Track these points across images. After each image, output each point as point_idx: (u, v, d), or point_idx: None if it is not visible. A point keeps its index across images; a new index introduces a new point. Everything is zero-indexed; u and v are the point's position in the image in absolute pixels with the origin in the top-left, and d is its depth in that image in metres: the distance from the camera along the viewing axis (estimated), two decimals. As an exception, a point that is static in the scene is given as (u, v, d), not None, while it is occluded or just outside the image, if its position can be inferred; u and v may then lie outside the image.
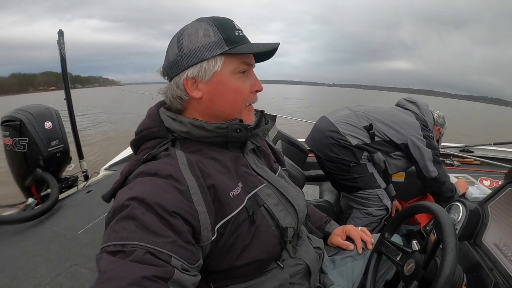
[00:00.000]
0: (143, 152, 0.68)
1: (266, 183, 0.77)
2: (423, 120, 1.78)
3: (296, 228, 0.79)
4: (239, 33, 0.70)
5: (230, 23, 0.71)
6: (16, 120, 1.47)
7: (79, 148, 2.06)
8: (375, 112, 1.78)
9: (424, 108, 1.82)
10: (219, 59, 0.68)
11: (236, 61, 0.69)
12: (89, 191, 1.66)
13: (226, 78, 0.69)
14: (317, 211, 1.11)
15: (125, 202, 0.54)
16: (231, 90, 0.70)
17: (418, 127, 1.73)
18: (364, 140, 1.71)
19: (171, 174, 0.60)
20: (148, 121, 0.73)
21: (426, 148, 1.70)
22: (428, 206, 0.83)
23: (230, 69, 0.69)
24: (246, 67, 0.71)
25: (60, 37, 1.81)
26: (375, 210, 1.77)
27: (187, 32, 0.69)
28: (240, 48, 0.68)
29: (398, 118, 1.76)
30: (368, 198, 1.77)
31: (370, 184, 1.75)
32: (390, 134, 1.72)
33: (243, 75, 0.72)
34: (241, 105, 0.72)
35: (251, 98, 0.74)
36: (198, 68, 0.68)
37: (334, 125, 1.75)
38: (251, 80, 0.74)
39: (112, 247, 0.50)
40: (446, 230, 0.69)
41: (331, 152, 1.74)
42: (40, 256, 1.08)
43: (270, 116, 0.84)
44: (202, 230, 0.58)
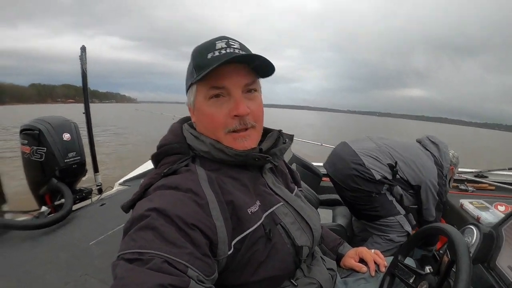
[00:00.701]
0: (163, 166, 0.70)
1: (283, 202, 0.78)
2: (441, 165, 1.80)
3: (311, 247, 0.79)
4: (214, 53, 0.67)
5: (209, 46, 0.69)
6: (35, 130, 1.51)
7: (95, 161, 2.10)
8: (398, 150, 1.81)
9: (444, 152, 1.84)
10: (193, 88, 0.70)
11: (204, 87, 0.68)
12: (103, 204, 1.67)
13: (200, 105, 0.70)
14: (330, 233, 1.11)
15: (145, 212, 0.55)
16: (205, 117, 0.70)
17: (435, 174, 1.77)
18: (386, 176, 1.74)
19: (191, 189, 0.61)
20: (170, 137, 0.76)
21: (434, 195, 1.76)
22: (441, 227, 0.82)
23: (202, 96, 0.69)
24: (217, 91, 0.68)
25: (83, 52, 1.88)
26: (396, 236, 1.77)
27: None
28: (200, 74, 0.66)
29: (418, 161, 1.79)
30: (389, 225, 1.77)
31: (390, 212, 1.76)
32: (408, 174, 1.76)
33: (219, 99, 0.68)
34: (217, 131, 0.70)
35: (230, 123, 0.69)
36: (188, 96, 0.73)
37: (359, 157, 1.76)
38: (230, 104, 0.68)
39: (130, 255, 0.50)
40: (459, 250, 0.68)
41: (354, 183, 1.75)
42: (50, 263, 1.09)
43: (287, 136, 0.84)
44: (219, 244, 0.59)
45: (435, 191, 1.76)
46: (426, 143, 1.91)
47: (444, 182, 1.80)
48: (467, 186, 2.43)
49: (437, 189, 1.77)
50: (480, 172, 2.59)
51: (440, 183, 1.78)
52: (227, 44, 0.68)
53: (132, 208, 0.65)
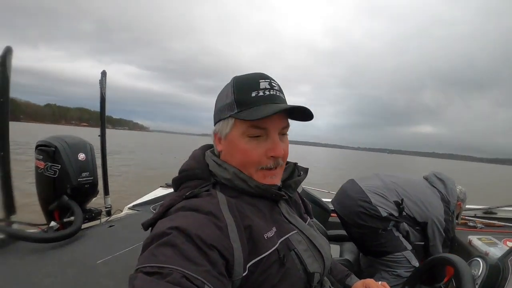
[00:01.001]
0: (184, 189, 0.73)
1: (297, 230, 0.80)
2: (447, 201, 1.81)
3: (322, 274, 0.81)
4: (258, 93, 0.71)
5: (253, 83, 0.72)
6: (51, 146, 1.55)
7: (106, 183, 2.13)
8: (405, 187, 1.83)
9: (450, 188, 1.86)
10: (230, 120, 0.72)
11: (245, 124, 0.71)
12: (112, 225, 1.68)
13: (235, 139, 0.73)
14: (338, 264, 1.12)
15: (167, 230, 0.57)
16: (238, 152, 0.73)
17: (441, 210, 1.78)
18: (393, 213, 1.75)
19: (212, 211, 0.64)
20: (192, 163, 0.80)
21: (441, 232, 1.76)
22: (447, 257, 0.83)
23: (239, 132, 0.72)
24: (259, 131, 0.71)
25: (103, 77, 1.95)
26: (404, 272, 1.75)
27: (221, 90, 0.77)
28: (244, 112, 0.69)
29: (424, 198, 1.81)
30: (396, 261, 1.76)
31: (397, 248, 1.76)
32: (415, 212, 1.77)
33: (257, 138, 0.72)
34: (249, 168, 0.74)
35: (265, 162, 0.73)
36: (219, 126, 0.75)
37: (366, 194, 1.79)
38: (268, 144, 0.72)
39: (149, 268, 0.52)
40: (464, 279, 0.69)
41: (360, 220, 1.77)
42: (55, 277, 1.09)
43: (302, 169, 0.89)
44: (235, 266, 0.61)
45: (441, 228, 1.76)
46: (432, 180, 1.93)
47: (451, 219, 1.80)
48: (476, 223, 2.41)
49: (444, 225, 1.76)
50: (489, 208, 2.56)
51: (447, 220, 1.77)
52: (270, 85, 0.72)
53: (151, 227, 0.68)
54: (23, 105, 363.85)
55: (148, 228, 0.69)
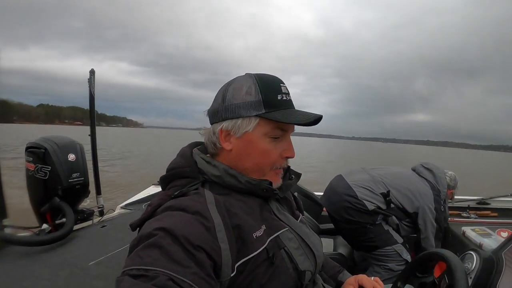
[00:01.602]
0: (173, 188, 0.72)
1: (288, 228, 0.79)
2: (437, 190, 1.82)
3: (314, 272, 0.80)
4: (282, 97, 0.73)
5: (276, 86, 0.74)
6: (41, 148, 1.53)
7: (98, 183, 2.10)
8: (392, 179, 1.83)
9: (439, 177, 1.86)
10: (254, 120, 0.72)
11: (270, 125, 0.72)
12: (104, 226, 1.67)
13: (256, 139, 0.73)
14: (330, 260, 1.11)
15: (153, 231, 0.56)
16: (258, 152, 0.73)
17: (431, 199, 1.78)
18: (380, 206, 1.75)
19: (199, 211, 0.63)
20: (180, 160, 0.78)
21: (432, 222, 1.76)
22: (439, 253, 0.83)
23: (262, 132, 0.73)
24: (280, 133, 0.74)
25: (92, 76, 1.91)
26: (395, 265, 1.76)
27: (234, 85, 0.74)
28: (277, 114, 0.71)
29: (413, 188, 1.81)
30: (387, 255, 1.77)
31: (387, 241, 1.76)
32: (404, 202, 1.77)
33: (276, 139, 0.74)
34: (266, 167, 0.75)
35: (280, 162, 0.77)
36: (233, 123, 0.72)
37: (352, 189, 1.79)
38: (284, 145, 0.76)
39: (135, 271, 0.51)
40: (456, 274, 0.69)
41: (347, 215, 1.77)
42: (47, 280, 1.08)
43: (294, 173, 0.88)
44: (223, 266, 0.60)
45: (432, 218, 1.76)
46: (420, 170, 1.94)
47: (442, 208, 1.80)
48: (469, 213, 2.42)
49: (435, 215, 1.76)
50: (482, 199, 2.58)
51: (438, 209, 1.78)
52: (287, 90, 0.76)
53: (139, 227, 0.66)
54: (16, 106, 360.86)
55: (136, 229, 0.68)
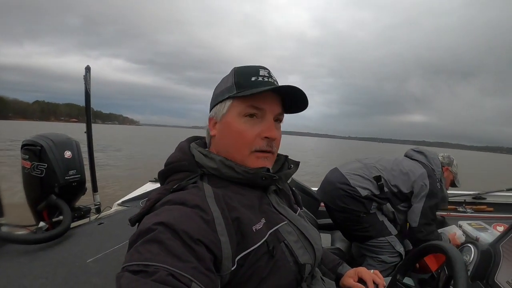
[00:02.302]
0: (171, 182, 0.72)
1: (287, 221, 0.79)
2: (431, 169, 1.82)
3: (313, 265, 0.80)
4: (258, 78, 0.73)
5: (253, 70, 0.75)
6: (37, 145, 1.52)
7: (94, 180, 2.10)
8: (383, 163, 1.86)
9: (431, 157, 1.87)
10: (228, 102, 0.74)
11: (242, 104, 0.73)
12: (101, 223, 1.66)
13: (231, 120, 0.74)
14: (330, 254, 1.12)
15: (152, 226, 0.56)
16: (233, 132, 0.74)
17: (424, 175, 1.78)
18: (373, 191, 1.76)
19: (198, 204, 0.62)
20: (178, 155, 0.78)
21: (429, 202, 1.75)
22: (438, 245, 0.83)
23: (236, 112, 0.73)
24: (254, 111, 0.73)
25: (87, 72, 1.90)
26: (388, 257, 1.77)
27: (221, 80, 0.79)
28: (246, 91, 0.71)
29: (405, 168, 1.82)
30: (380, 246, 1.78)
31: (381, 232, 1.77)
32: (398, 183, 1.78)
33: (252, 119, 0.73)
34: (243, 149, 0.74)
35: (258, 144, 0.74)
36: (215, 109, 0.77)
37: (345, 177, 1.82)
38: (263, 125, 0.74)
39: (135, 267, 0.50)
40: (456, 266, 0.69)
41: (342, 203, 1.79)
42: (46, 278, 1.07)
43: (293, 162, 0.88)
44: (223, 260, 0.60)
45: (424, 194, 1.75)
46: (411, 154, 1.96)
47: (438, 185, 1.79)
48: (466, 208, 2.44)
49: (427, 189, 1.75)
50: (478, 194, 2.60)
51: (433, 186, 1.76)
52: (268, 74, 0.75)
53: (138, 222, 0.66)
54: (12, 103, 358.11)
55: (136, 224, 0.67)
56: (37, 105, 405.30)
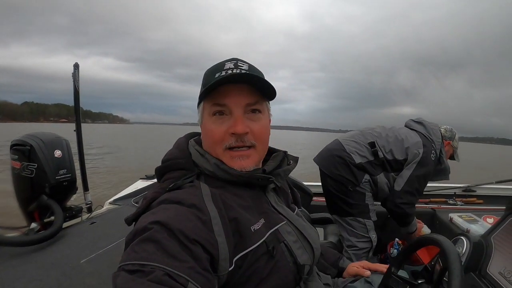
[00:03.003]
0: (168, 181, 0.71)
1: (286, 221, 0.79)
2: (429, 140, 1.80)
3: (312, 265, 0.81)
4: (221, 73, 0.69)
5: (219, 66, 0.72)
6: (26, 145, 1.49)
7: (85, 179, 2.07)
8: (380, 130, 1.87)
9: (431, 128, 1.86)
10: (201, 105, 0.74)
11: (208, 103, 0.72)
12: (93, 222, 1.64)
13: (205, 121, 0.73)
14: (329, 249, 1.14)
15: (148, 225, 0.55)
16: (207, 133, 0.73)
17: (420, 144, 1.77)
18: (368, 157, 1.78)
19: (195, 204, 0.62)
20: (175, 152, 0.77)
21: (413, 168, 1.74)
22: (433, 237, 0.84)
23: (206, 113, 0.73)
24: (218, 108, 0.70)
25: (76, 70, 1.87)
26: (356, 240, 1.81)
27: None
28: (205, 90, 0.68)
29: (401, 135, 1.82)
30: (355, 226, 1.81)
31: (362, 214, 1.80)
32: (392, 148, 1.78)
33: (222, 116, 0.71)
34: (216, 147, 0.72)
35: (228, 140, 0.71)
36: (198, 113, 0.76)
37: (341, 144, 1.84)
38: (231, 121, 0.70)
39: (131, 266, 0.50)
40: (450, 257, 0.70)
41: (335, 169, 1.80)
42: (39, 281, 1.06)
43: (292, 157, 0.86)
44: (220, 260, 0.59)
45: (416, 161, 1.74)
46: (410, 124, 1.95)
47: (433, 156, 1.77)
48: (456, 200, 2.48)
49: (420, 157, 1.74)
50: (468, 186, 2.64)
51: (426, 151, 1.75)
52: (235, 65, 0.71)
53: (135, 221, 0.65)
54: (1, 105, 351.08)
55: (132, 223, 0.66)
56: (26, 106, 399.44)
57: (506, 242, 1.06)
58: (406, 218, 1.81)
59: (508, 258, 1.02)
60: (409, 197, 1.75)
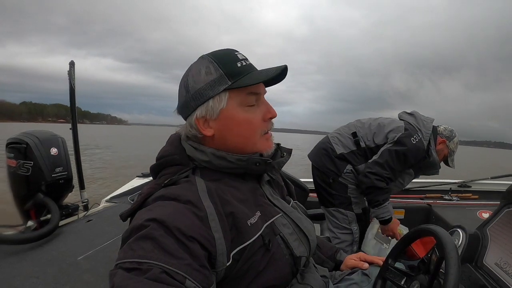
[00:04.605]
0: (163, 177, 0.70)
1: (282, 214, 0.79)
2: (417, 128, 1.74)
3: (308, 257, 0.80)
4: (242, 63, 0.71)
5: (232, 55, 0.72)
6: (22, 143, 1.48)
7: (81, 177, 2.07)
8: (364, 121, 1.92)
9: (421, 119, 1.79)
10: (224, 95, 0.69)
11: (241, 93, 0.70)
12: (90, 220, 1.64)
13: (233, 112, 0.70)
14: (326, 242, 1.13)
15: (144, 222, 0.55)
16: (240, 124, 0.71)
17: (401, 129, 1.73)
18: (350, 148, 1.82)
19: (191, 200, 0.61)
20: (169, 148, 0.76)
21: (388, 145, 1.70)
22: (429, 228, 0.84)
23: (236, 103, 0.70)
24: (254, 98, 0.72)
25: (71, 68, 1.86)
26: (341, 232, 1.85)
27: (191, 72, 0.72)
28: (243, 80, 0.68)
29: (384, 122, 1.84)
30: (338, 217, 1.85)
31: (343, 205, 1.83)
32: (374, 136, 1.80)
33: (252, 106, 0.72)
34: (254, 136, 0.73)
35: (265, 126, 0.74)
36: (205, 107, 0.69)
37: (328, 137, 1.92)
38: (263, 108, 0.74)
39: (128, 264, 0.50)
40: (447, 246, 0.71)
41: (319, 161, 1.88)
42: (37, 278, 1.06)
43: (285, 149, 0.85)
44: (217, 256, 0.59)
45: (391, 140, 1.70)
46: (401, 115, 1.92)
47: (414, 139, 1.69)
48: (451, 196, 2.49)
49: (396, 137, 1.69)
50: (464, 182, 2.66)
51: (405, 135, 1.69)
52: (243, 56, 0.73)
53: (130, 217, 0.65)
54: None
55: (127, 219, 0.66)
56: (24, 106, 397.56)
57: (502, 234, 1.07)
58: (375, 192, 1.72)
59: (504, 249, 1.03)
60: (378, 168, 1.68)
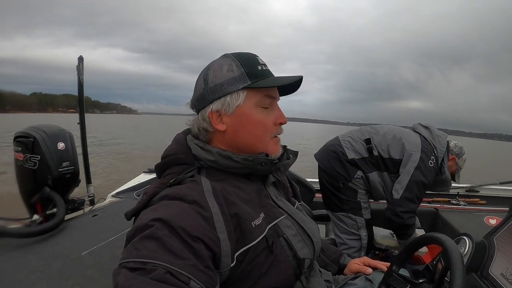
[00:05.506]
0: (169, 176, 0.70)
1: (286, 215, 0.79)
2: (432, 145, 1.72)
3: (312, 259, 0.80)
4: (262, 67, 0.74)
5: (254, 58, 0.75)
6: (30, 137, 1.49)
7: (88, 172, 2.07)
8: (378, 128, 1.85)
9: (437, 135, 1.76)
10: (242, 93, 0.71)
11: (258, 94, 0.73)
12: (95, 215, 1.65)
13: (249, 111, 0.72)
14: (331, 246, 1.14)
15: (149, 222, 0.55)
16: (254, 123, 0.73)
17: (418, 147, 1.69)
18: (361, 154, 1.75)
19: (196, 200, 0.61)
20: (175, 147, 0.76)
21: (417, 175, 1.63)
22: (434, 236, 0.83)
23: (253, 103, 0.72)
24: (269, 101, 0.74)
25: (80, 63, 1.86)
26: (349, 238, 1.80)
27: (213, 67, 0.74)
28: (262, 82, 0.71)
29: (402, 135, 1.76)
30: (347, 222, 1.80)
31: (353, 211, 1.78)
32: (389, 146, 1.73)
33: (265, 109, 0.74)
34: (265, 137, 0.75)
35: (275, 130, 0.76)
36: (222, 101, 0.71)
37: (339, 139, 1.85)
38: (275, 112, 0.76)
39: (132, 264, 0.50)
40: (453, 256, 0.70)
41: (329, 164, 1.81)
42: (41, 272, 1.07)
43: (292, 152, 0.86)
44: (222, 257, 0.59)
45: (413, 166, 1.64)
46: (416, 127, 1.88)
47: (431, 163, 1.67)
48: (459, 200, 2.46)
49: (416, 163, 1.64)
50: (472, 186, 2.62)
51: (424, 158, 1.65)
52: (263, 61, 0.76)
53: (135, 216, 0.65)
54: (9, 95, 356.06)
55: (132, 218, 0.66)
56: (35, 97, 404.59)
57: (509, 243, 1.05)
58: (406, 229, 1.71)
59: (510, 260, 1.01)
60: (410, 205, 1.64)
